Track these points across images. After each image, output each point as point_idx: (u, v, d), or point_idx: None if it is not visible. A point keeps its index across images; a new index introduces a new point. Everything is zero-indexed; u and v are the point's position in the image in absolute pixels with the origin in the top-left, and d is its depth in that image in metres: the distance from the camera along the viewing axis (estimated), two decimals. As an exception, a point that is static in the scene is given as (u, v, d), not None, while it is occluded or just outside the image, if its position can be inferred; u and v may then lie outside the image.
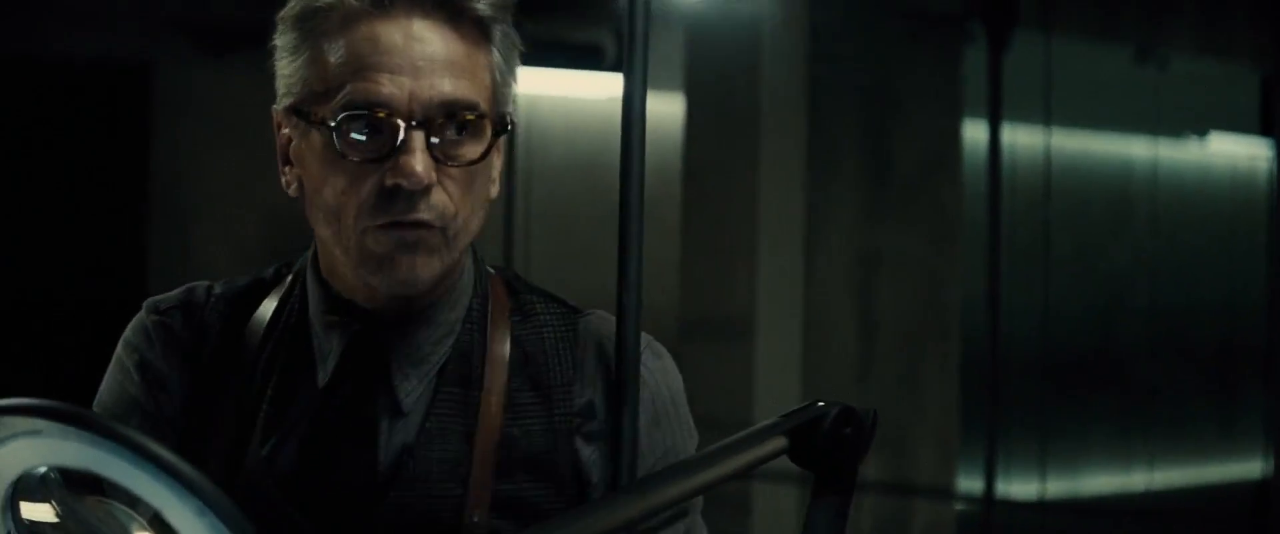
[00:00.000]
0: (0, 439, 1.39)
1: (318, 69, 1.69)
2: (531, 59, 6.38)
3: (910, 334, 7.68)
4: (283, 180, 1.78)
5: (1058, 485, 8.95)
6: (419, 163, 1.64)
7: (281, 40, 1.74)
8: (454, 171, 1.69)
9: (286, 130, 1.76)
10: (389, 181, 1.65)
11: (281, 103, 1.75)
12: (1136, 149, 9.84)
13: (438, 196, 1.67)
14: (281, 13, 1.74)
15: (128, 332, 1.85)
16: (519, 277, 1.90)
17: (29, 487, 1.41)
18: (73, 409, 1.37)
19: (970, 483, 7.79)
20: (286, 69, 1.73)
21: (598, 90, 7.25)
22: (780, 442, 1.65)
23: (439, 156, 1.67)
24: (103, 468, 1.34)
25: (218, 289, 1.85)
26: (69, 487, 1.41)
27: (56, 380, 8.63)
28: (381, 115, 1.65)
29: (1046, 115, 8.11)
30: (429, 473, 1.71)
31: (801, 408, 1.67)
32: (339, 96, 1.66)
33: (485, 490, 1.71)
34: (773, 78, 7.28)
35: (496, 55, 1.76)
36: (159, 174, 9.56)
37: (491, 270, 1.87)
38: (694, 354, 7.16)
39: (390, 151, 1.65)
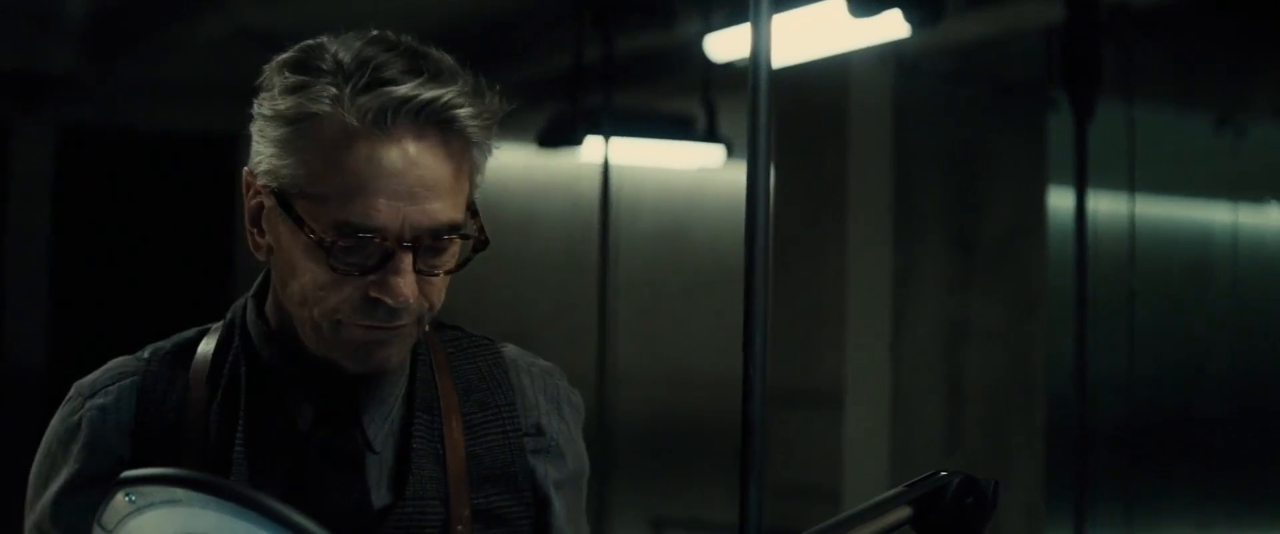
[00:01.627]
0: (138, 508, 1.41)
1: (309, 173, 1.70)
2: (621, 129, 6.45)
3: (997, 402, 7.66)
4: (249, 241, 1.83)
5: (1142, 553, 8.90)
6: (407, 286, 1.70)
7: (268, 127, 1.74)
8: (431, 277, 1.75)
9: (261, 198, 1.78)
10: (373, 293, 1.71)
11: (258, 172, 1.76)
12: (1217, 215, 9.80)
13: (415, 301, 1.73)
14: (272, 101, 1.73)
15: (57, 422, 1.87)
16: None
17: None
18: (211, 478, 1.41)
19: (1058, 551, 7.75)
20: (269, 151, 1.73)
21: (687, 160, 7.26)
22: (904, 511, 1.67)
23: (422, 268, 1.73)
24: None
25: (145, 354, 1.88)
26: None
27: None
28: (375, 239, 1.69)
29: (1131, 182, 8.09)
30: (423, 492, 1.80)
31: (924, 477, 1.69)
32: (332, 210, 1.69)
33: (463, 506, 1.81)
34: (860, 147, 7.30)
35: (476, 155, 1.77)
36: (244, 242, 9.64)
37: None
38: (783, 423, 7.16)
39: (376, 266, 1.70)
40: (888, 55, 7.22)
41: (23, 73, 8.85)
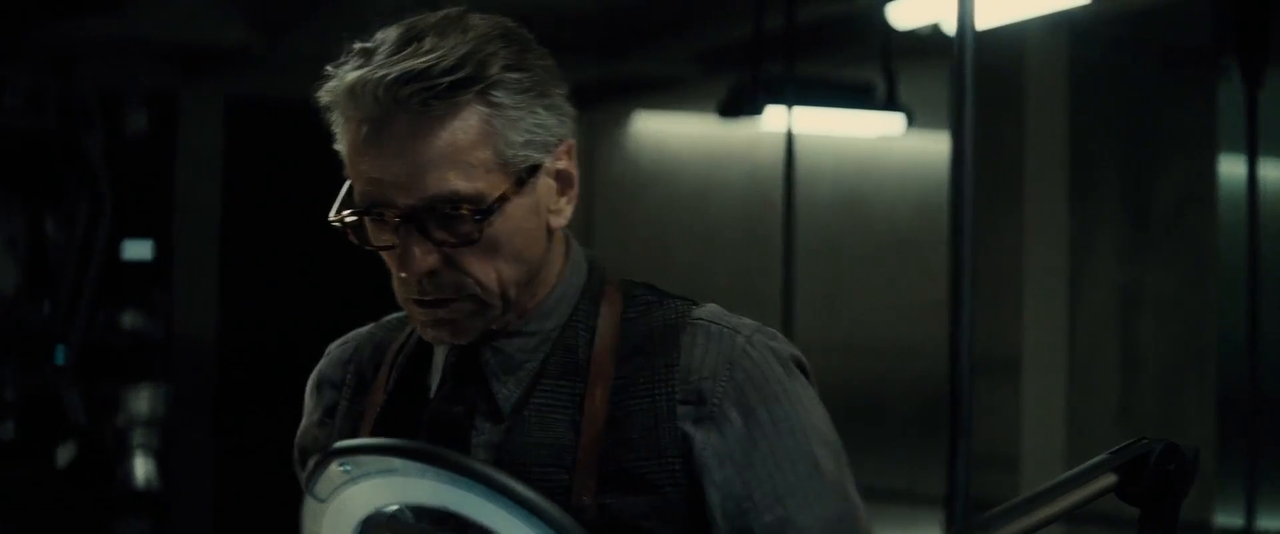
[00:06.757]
0: (353, 478, 1.45)
1: (343, 158, 1.78)
2: (801, 98, 6.45)
3: (1169, 369, 7.66)
4: None
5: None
6: (412, 257, 1.73)
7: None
8: (464, 248, 1.74)
9: None
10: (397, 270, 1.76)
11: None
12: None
13: (449, 276, 1.74)
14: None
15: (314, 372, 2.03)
16: (641, 283, 1.90)
17: (377, 525, 1.47)
18: (428, 448, 1.44)
19: (1230, 518, 7.74)
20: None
21: (867, 128, 7.28)
22: (1110, 479, 1.67)
23: (443, 239, 1.73)
24: (459, 505, 1.39)
25: (374, 325, 1.99)
26: (421, 524, 1.46)
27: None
28: (378, 215, 1.74)
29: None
30: (531, 458, 1.76)
31: (1128, 445, 1.69)
32: (352, 194, 1.77)
33: (591, 475, 1.74)
34: (1036, 115, 7.31)
35: (499, 109, 1.73)
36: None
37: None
38: (963, 391, 7.19)
39: (393, 244, 1.75)
40: (1061, 23, 7.22)
41: (191, 45, 8.95)
